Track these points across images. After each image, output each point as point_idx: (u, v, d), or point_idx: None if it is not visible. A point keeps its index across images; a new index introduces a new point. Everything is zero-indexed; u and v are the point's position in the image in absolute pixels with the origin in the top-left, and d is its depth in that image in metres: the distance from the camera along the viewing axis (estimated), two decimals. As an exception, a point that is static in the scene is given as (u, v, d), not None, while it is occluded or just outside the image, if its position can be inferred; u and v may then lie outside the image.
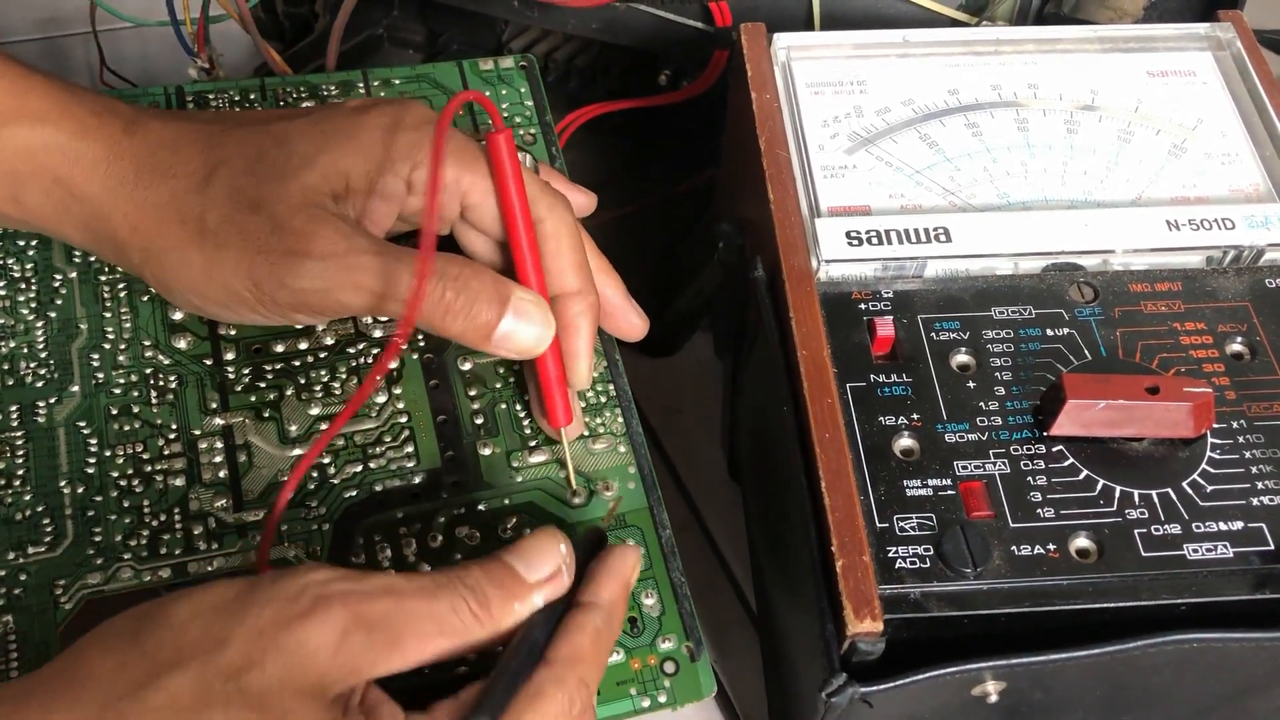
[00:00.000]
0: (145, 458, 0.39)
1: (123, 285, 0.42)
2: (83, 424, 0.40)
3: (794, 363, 0.38)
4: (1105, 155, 0.44)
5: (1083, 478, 0.36)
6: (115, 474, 0.39)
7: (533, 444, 0.41)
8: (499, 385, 0.42)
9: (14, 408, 0.40)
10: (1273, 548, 0.35)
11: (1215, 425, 0.37)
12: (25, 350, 0.41)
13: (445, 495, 0.39)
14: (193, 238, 0.37)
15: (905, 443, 0.37)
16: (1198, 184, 0.43)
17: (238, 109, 0.47)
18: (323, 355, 0.42)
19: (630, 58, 0.58)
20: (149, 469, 0.39)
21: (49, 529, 0.38)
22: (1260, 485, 0.36)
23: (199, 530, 0.38)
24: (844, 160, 0.43)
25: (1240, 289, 0.40)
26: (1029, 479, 0.36)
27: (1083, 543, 0.35)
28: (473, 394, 0.42)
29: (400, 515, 0.39)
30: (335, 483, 0.39)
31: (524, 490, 0.40)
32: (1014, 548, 0.35)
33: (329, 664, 0.30)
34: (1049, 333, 0.39)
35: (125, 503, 0.38)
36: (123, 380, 0.41)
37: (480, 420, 0.41)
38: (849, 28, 0.47)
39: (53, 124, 0.38)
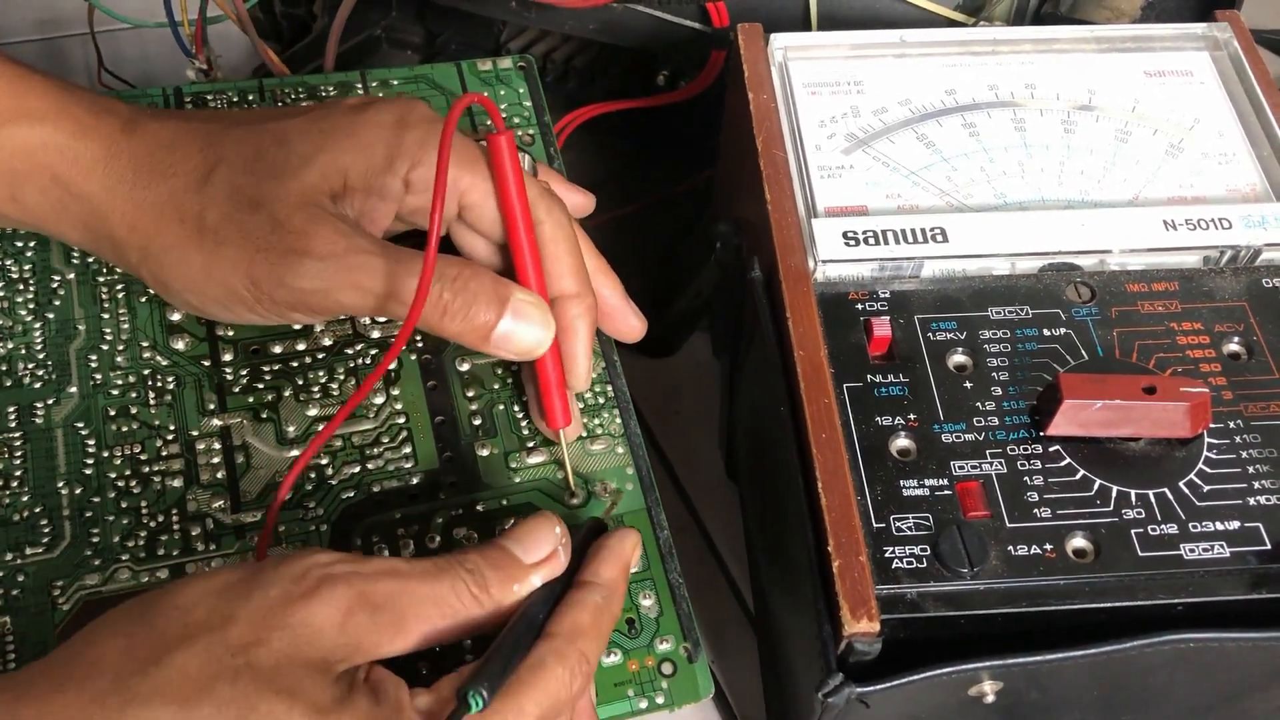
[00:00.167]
0: (143, 459, 0.39)
1: (121, 286, 0.43)
2: (80, 425, 0.40)
3: (791, 363, 0.38)
4: (1102, 155, 0.44)
5: (1079, 478, 0.36)
6: (113, 475, 0.39)
7: (530, 445, 0.41)
8: (497, 386, 0.42)
9: (12, 409, 0.40)
10: (1269, 547, 0.35)
11: (1212, 425, 0.37)
12: (23, 351, 0.41)
13: (443, 496, 0.39)
14: (191, 236, 0.37)
15: (902, 443, 0.37)
16: (1195, 184, 0.43)
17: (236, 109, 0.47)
18: (320, 356, 0.42)
19: (628, 58, 0.58)
20: (147, 470, 0.39)
21: (47, 530, 0.38)
22: (1257, 485, 0.36)
23: (197, 531, 0.38)
24: (841, 160, 0.43)
25: (1237, 289, 0.40)
26: (1026, 479, 0.36)
27: (1079, 543, 0.35)
28: (471, 395, 0.42)
29: (398, 516, 0.39)
30: (333, 483, 0.39)
31: (522, 491, 0.40)
32: (1011, 548, 0.35)
33: (334, 642, 0.30)
34: (1046, 333, 0.39)
35: (123, 504, 0.38)
36: (121, 381, 0.41)
37: (478, 421, 0.41)
38: (846, 28, 0.47)
39: (51, 123, 0.38)
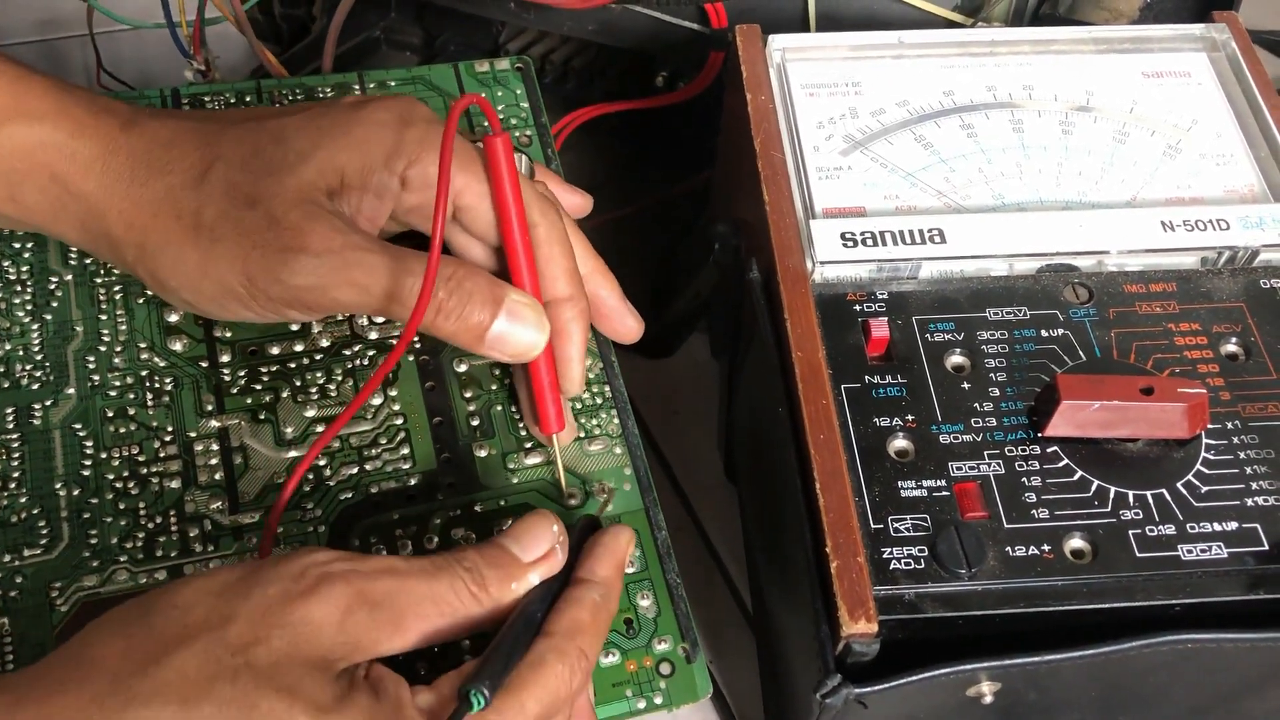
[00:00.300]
0: (141, 460, 0.39)
1: (119, 288, 0.43)
2: (78, 426, 0.40)
3: (789, 364, 0.38)
4: (1100, 156, 0.44)
5: (1077, 479, 0.36)
6: (111, 476, 0.39)
7: (528, 445, 0.41)
8: (494, 387, 0.42)
9: (10, 410, 0.40)
10: (1267, 548, 0.35)
11: (1210, 426, 0.37)
12: (21, 352, 0.41)
13: (441, 497, 0.39)
14: (188, 233, 0.37)
15: (900, 444, 0.37)
16: (1192, 185, 0.43)
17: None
18: (318, 357, 0.42)
19: (627, 59, 0.58)
20: (145, 471, 0.39)
21: (45, 531, 0.38)
22: (1255, 486, 0.36)
23: (195, 532, 0.38)
24: (839, 162, 0.43)
25: (1235, 290, 0.40)
26: (1023, 480, 0.36)
27: (1077, 543, 0.35)
28: (468, 396, 0.42)
29: (396, 517, 0.39)
30: (331, 485, 0.39)
31: (520, 491, 0.40)
32: (1008, 549, 0.35)
33: (333, 640, 0.30)
34: (1044, 334, 0.39)
35: (121, 505, 0.38)
36: (118, 383, 0.41)
37: (476, 422, 0.41)
38: (844, 29, 0.47)
39: (50, 122, 0.38)
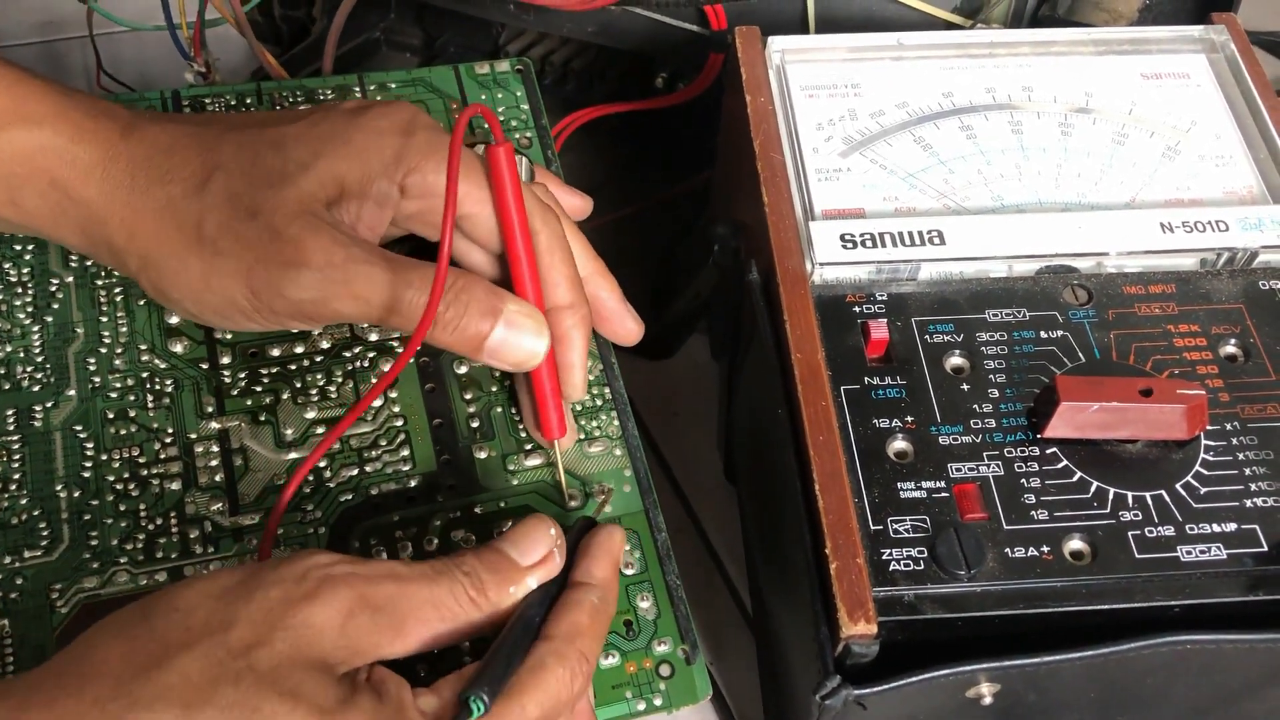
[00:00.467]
0: (141, 461, 0.39)
1: (119, 290, 0.43)
2: (79, 428, 0.40)
3: (789, 365, 0.38)
4: (1099, 158, 0.44)
5: (1076, 480, 0.36)
6: (111, 478, 0.39)
7: (528, 447, 0.41)
8: (494, 389, 0.42)
9: (10, 412, 0.40)
10: (1266, 549, 0.35)
11: (1209, 427, 0.37)
12: (22, 354, 0.41)
13: (441, 499, 0.39)
14: (190, 244, 0.37)
15: (899, 445, 0.37)
16: (1192, 186, 0.43)
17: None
18: (318, 359, 0.42)
19: (627, 61, 0.58)
20: (145, 473, 0.39)
21: (45, 533, 0.38)
22: (1254, 487, 0.36)
23: (195, 534, 0.38)
24: (838, 163, 0.43)
25: (1234, 291, 0.40)
26: (1023, 481, 0.36)
27: (1076, 545, 0.35)
28: (468, 397, 0.42)
29: (396, 519, 0.39)
30: (331, 486, 0.39)
31: (520, 493, 0.40)
32: (1008, 550, 0.35)
33: (334, 643, 0.30)
34: (1043, 335, 0.39)
35: (121, 506, 0.38)
36: (119, 384, 0.41)
37: (476, 424, 0.41)
38: (844, 30, 0.47)
39: (50, 127, 0.38)
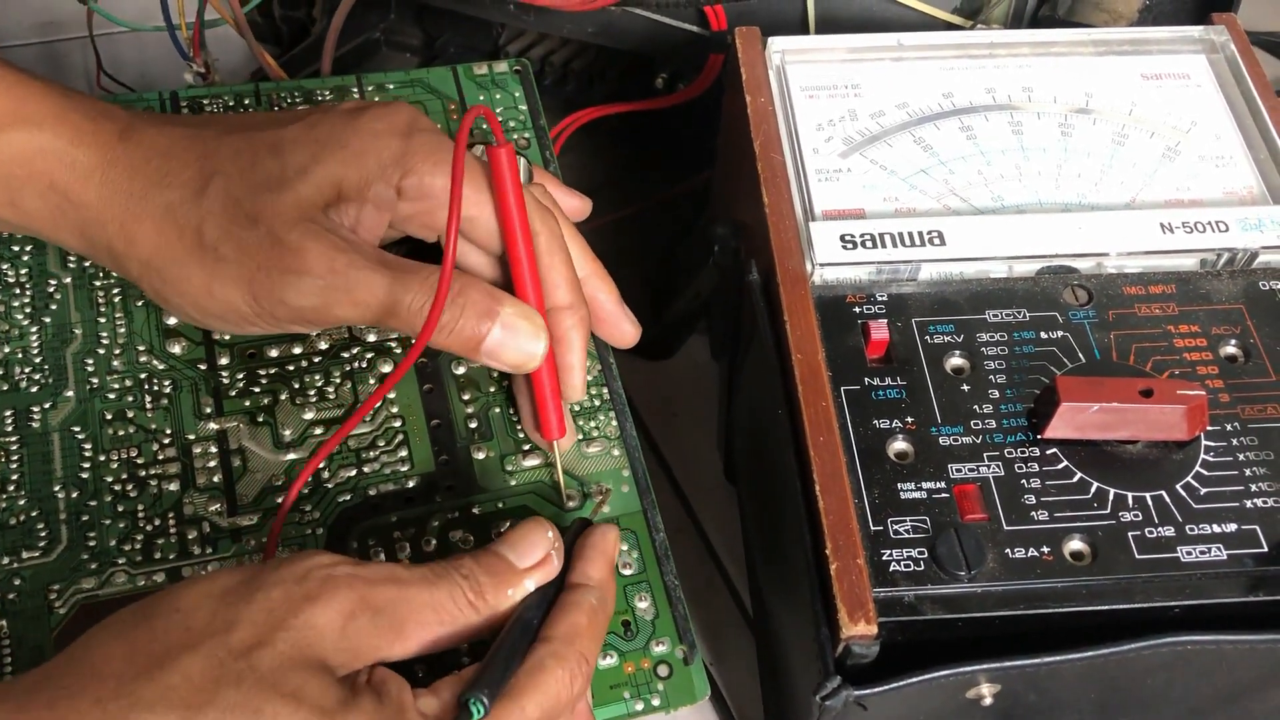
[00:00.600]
0: (139, 462, 0.39)
1: (117, 290, 0.43)
2: (77, 429, 0.40)
3: (789, 366, 0.38)
4: (1099, 158, 0.44)
5: (1076, 480, 0.36)
6: (109, 479, 0.39)
7: (526, 448, 0.41)
8: (492, 389, 0.42)
9: (8, 413, 0.40)
10: (1266, 550, 0.35)
11: (1209, 428, 0.37)
12: (20, 355, 0.41)
13: (439, 499, 0.39)
14: (191, 251, 0.37)
15: (899, 446, 0.37)
16: (1192, 187, 0.43)
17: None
18: (317, 360, 0.42)
19: (627, 61, 0.58)
20: (143, 474, 0.39)
21: (43, 534, 0.38)
22: (1254, 488, 0.36)
23: (193, 535, 0.38)
24: (838, 164, 0.43)
25: (1234, 291, 0.40)
26: (1023, 482, 0.36)
27: (1076, 545, 0.35)
28: (466, 398, 0.42)
29: (394, 519, 0.39)
30: (329, 487, 0.39)
31: (518, 494, 0.40)
32: (1008, 550, 0.35)
33: (335, 645, 0.31)
34: (1043, 335, 0.39)
35: (119, 507, 0.38)
36: (117, 385, 0.41)
37: (474, 424, 0.41)
38: (844, 31, 0.47)
39: (50, 129, 0.38)
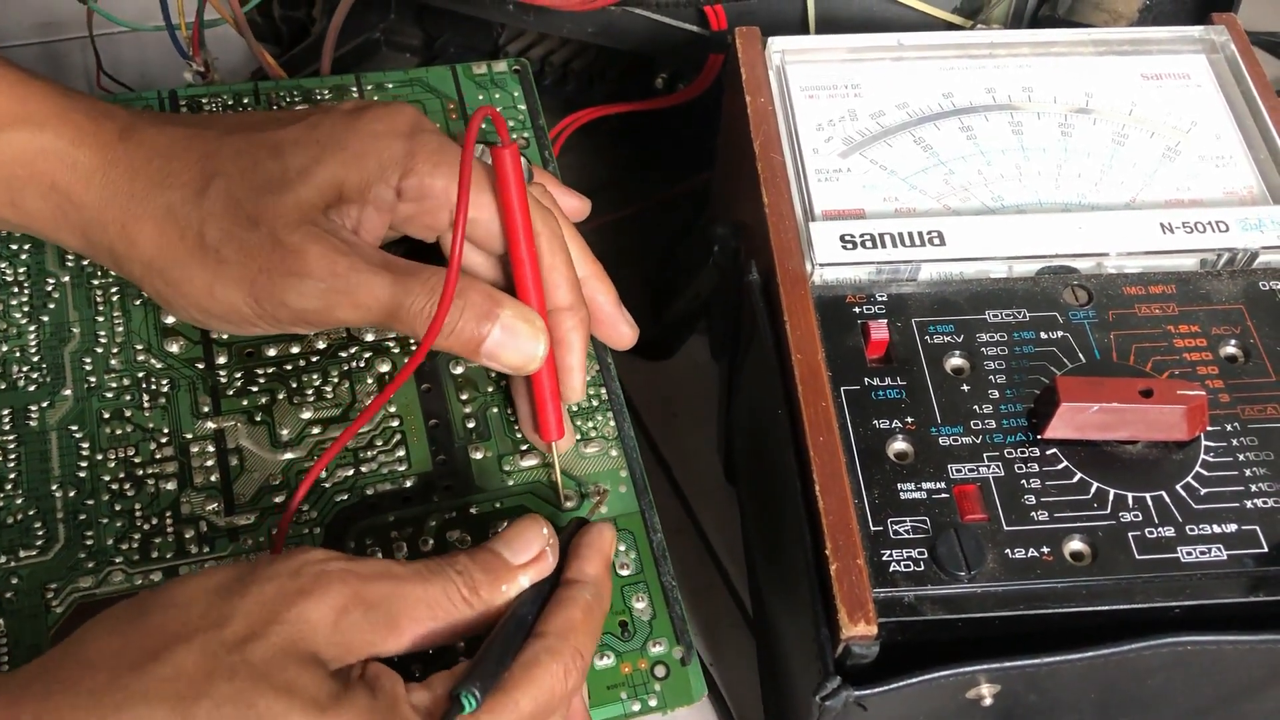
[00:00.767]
0: (137, 461, 0.39)
1: (115, 290, 0.42)
2: (75, 428, 0.40)
3: (789, 366, 0.38)
4: (1099, 158, 0.43)
5: (1076, 481, 0.36)
6: (107, 478, 0.39)
7: (524, 448, 0.41)
8: (490, 389, 0.42)
9: (6, 411, 0.40)
10: (1266, 550, 0.35)
11: (1209, 428, 0.37)
12: (18, 354, 0.41)
13: (437, 499, 0.39)
14: (193, 253, 0.37)
15: (899, 446, 0.37)
16: (1192, 187, 0.43)
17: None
18: (315, 359, 0.42)
19: (626, 61, 0.58)
20: (141, 473, 0.39)
21: (40, 532, 0.38)
22: (1254, 488, 0.36)
23: (190, 534, 0.38)
24: (838, 164, 0.43)
25: (1234, 292, 0.40)
26: (1023, 482, 0.36)
27: (1076, 545, 0.35)
28: (464, 398, 0.41)
29: (392, 519, 0.39)
30: (327, 487, 0.39)
31: (515, 494, 0.40)
32: (1008, 551, 0.35)
33: (329, 639, 0.31)
34: (1043, 336, 0.39)
35: (117, 506, 0.38)
36: (115, 384, 0.41)
37: (472, 424, 0.41)
38: (844, 31, 0.47)
39: (52, 129, 0.38)
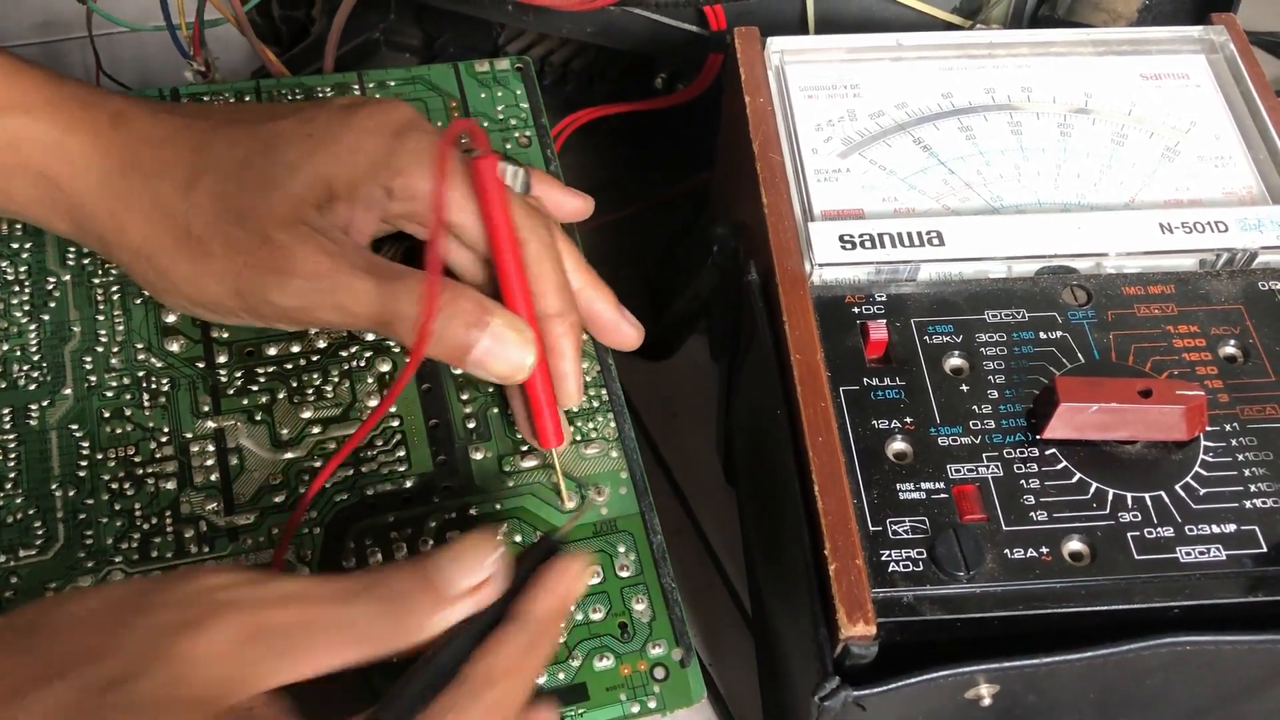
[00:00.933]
0: (137, 460, 0.39)
1: (116, 288, 0.42)
2: (75, 427, 0.40)
3: (788, 366, 0.38)
4: (1099, 158, 0.43)
5: (1075, 481, 0.36)
6: (107, 477, 0.39)
7: (525, 448, 0.41)
8: (491, 390, 0.42)
9: (6, 410, 0.40)
10: (1265, 550, 0.35)
11: (1208, 428, 0.37)
12: (18, 353, 0.41)
13: (437, 500, 0.39)
14: (179, 243, 0.37)
15: (898, 446, 0.37)
16: (1191, 187, 0.43)
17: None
18: (315, 359, 0.42)
19: (626, 61, 0.58)
20: (141, 472, 0.39)
21: (40, 532, 0.38)
22: (1253, 488, 0.36)
23: (190, 533, 0.38)
24: (837, 164, 0.43)
25: (1233, 292, 0.40)
26: (1022, 482, 0.36)
27: (1075, 546, 0.35)
28: (465, 398, 0.42)
29: (391, 519, 0.39)
30: (326, 487, 0.39)
31: (516, 495, 0.40)
32: (1007, 551, 0.35)
33: (220, 674, 0.28)
34: (1042, 336, 0.39)
35: (117, 506, 0.38)
36: (115, 383, 0.41)
37: (472, 425, 0.41)
38: (843, 31, 0.47)
39: (45, 117, 0.38)
